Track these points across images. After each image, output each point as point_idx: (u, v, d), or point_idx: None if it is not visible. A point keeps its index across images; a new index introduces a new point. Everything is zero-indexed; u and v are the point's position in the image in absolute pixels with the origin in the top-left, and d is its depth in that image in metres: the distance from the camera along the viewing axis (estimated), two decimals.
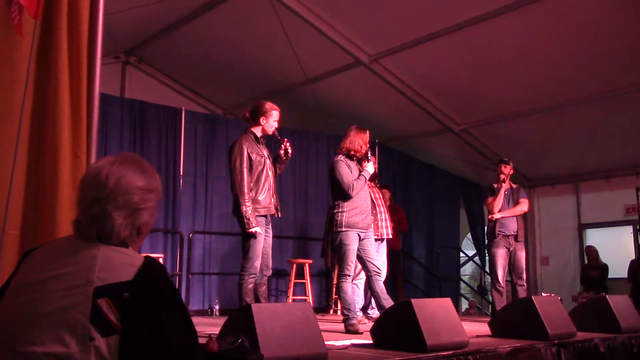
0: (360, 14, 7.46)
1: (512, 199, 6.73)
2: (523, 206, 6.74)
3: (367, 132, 5.37)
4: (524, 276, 6.62)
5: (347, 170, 5.13)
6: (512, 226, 6.62)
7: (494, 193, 6.73)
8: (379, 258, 6.20)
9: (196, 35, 8.34)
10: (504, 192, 6.69)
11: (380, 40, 7.87)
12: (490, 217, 6.72)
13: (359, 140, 5.27)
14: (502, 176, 6.73)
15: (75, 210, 2.58)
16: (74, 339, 1.43)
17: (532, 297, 4.69)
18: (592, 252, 9.51)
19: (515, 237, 6.61)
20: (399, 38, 7.67)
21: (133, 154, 1.73)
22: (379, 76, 8.31)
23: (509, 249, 6.59)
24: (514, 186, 6.84)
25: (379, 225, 6.60)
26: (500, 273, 6.55)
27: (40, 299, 1.51)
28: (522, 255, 6.62)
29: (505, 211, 6.64)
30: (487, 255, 7.43)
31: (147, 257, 1.58)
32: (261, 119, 5.08)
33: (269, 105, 5.15)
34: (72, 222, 1.65)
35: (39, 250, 1.68)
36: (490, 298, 6.99)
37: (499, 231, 6.61)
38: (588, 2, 6.51)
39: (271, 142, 5.41)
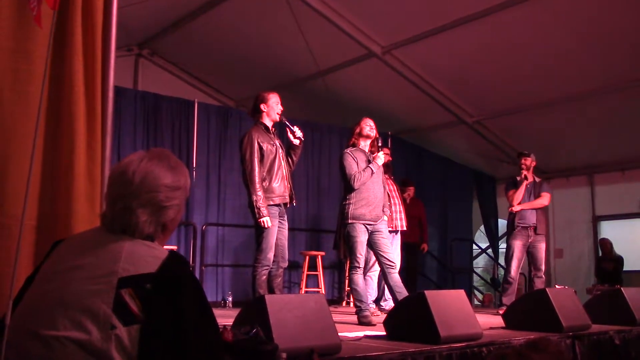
0: (372, 5, 7.43)
1: (534, 192, 6.76)
2: (543, 200, 6.76)
3: (364, 119, 5.40)
4: (543, 268, 6.64)
5: (351, 162, 5.17)
6: (531, 218, 6.65)
7: (516, 185, 6.75)
8: (394, 250, 6.20)
9: (208, 27, 8.35)
10: (526, 185, 6.70)
11: (392, 32, 7.82)
12: (510, 209, 6.76)
13: (355, 132, 5.37)
14: (524, 171, 6.77)
15: (90, 201, 2.61)
16: (96, 326, 1.46)
17: (546, 289, 4.68)
18: (606, 244, 9.44)
19: (535, 229, 6.62)
20: (411, 29, 7.62)
21: (164, 150, 1.75)
22: (392, 68, 8.28)
23: (526, 242, 6.62)
24: (537, 180, 6.87)
25: (393, 217, 6.60)
26: (514, 265, 6.58)
27: (65, 287, 1.53)
28: (541, 247, 6.65)
29: (525, 204, 6.68)
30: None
31: (171, 251, 1.61)
32: (262, 106, 5.10)
33: (264, 92, 5.19)
34: (100, 215, 1.69)
35: (67, 240, 1.72)
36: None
37: (517, 223, 6.66)
38: None
39: (284, 132, 5.41)
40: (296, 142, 5.18)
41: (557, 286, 7.66)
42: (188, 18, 8.25)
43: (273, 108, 5.09)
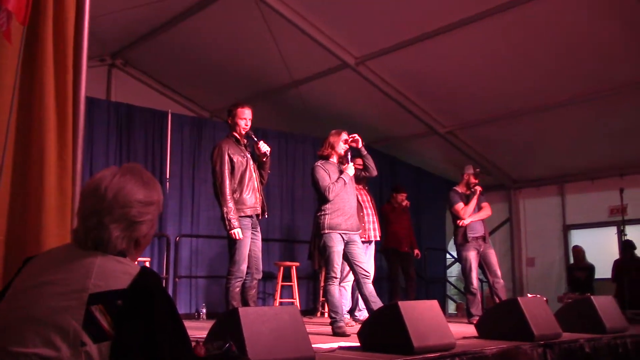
0: (346, 16, 7.48)
1: (476, 204, 7.02)
2: (487, 210, 7.13)
3: (342, 133, 5.43)
4: (499, 273, 6.78)
5: (323, 174, 5.21)
6: (480, 229, 6.95)
7: (463, 198, 6.95)
8: (367, 261, 6.23)
9: (182, 37, 8.32)
10: (477, 198, 6.99)
11: (366, 43, 7.88)
12: (460, 222, 6.90)
13: (330, 143, 5.39)
14: (479, 187, 7.05)
15: (61, 215, 2.58)
16: (66, 343, 1.45)
17: (518, 298, 4.73)
18: (579, 252, 9.55)
19: (484, 239, 6.87)
20: (385, 41, 7.69)
21: (136, 165, 1.74)
22: (366, 79, 8.33)
23: (478, 251, 6.79)
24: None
25: (367, 227, 6.64)
26: (474, 275, 6.79)
27: (35, 303, 1.52)
28: (492, 253, 6.92)
29: (474, 215, 6.94)
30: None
31: (143, 267, 1.60)
32: (229, 120, 5.15)
33: (235, 105, 5.21)
34: (72, 230, 1.69)
35: (39, 256, 1.70)
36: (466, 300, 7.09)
37: (469, 234, 6.85)
38: (573, 5, 6.56)
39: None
40: (262, 157, 5.19)
41: (528, 295, 7.75)
42: (162, 28, 8.22)
43: (238, 124, 5.10)
